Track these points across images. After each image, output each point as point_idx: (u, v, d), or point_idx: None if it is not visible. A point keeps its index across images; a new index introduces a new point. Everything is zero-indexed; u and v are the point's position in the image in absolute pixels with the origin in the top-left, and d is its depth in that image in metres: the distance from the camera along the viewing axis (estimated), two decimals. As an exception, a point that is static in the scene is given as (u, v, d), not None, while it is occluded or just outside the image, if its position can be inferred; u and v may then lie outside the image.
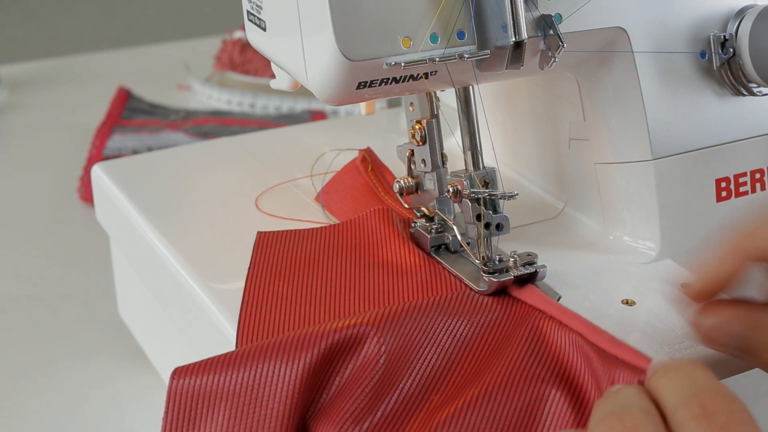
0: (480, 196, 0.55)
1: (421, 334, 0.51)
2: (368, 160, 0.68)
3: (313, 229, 0.62)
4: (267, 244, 0.61)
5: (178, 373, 0.48)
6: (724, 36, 0.58)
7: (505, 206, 0.56)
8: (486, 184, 0.56)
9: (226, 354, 0.48)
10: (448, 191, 0.56)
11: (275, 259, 0.59)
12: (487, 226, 0.55)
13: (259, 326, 0.53)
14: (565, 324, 0.51)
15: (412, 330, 0.50)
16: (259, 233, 0.62)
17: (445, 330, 0.51)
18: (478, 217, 0.55)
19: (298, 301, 0.55)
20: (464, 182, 0.56)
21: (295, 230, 0.62)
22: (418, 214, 0.61)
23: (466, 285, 0.55)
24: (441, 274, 0.57)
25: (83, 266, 0.88)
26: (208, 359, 0.48)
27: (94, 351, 0.76)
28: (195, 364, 0.48)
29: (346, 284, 0.57)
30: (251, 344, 0.49)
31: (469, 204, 0.55)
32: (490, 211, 0.55)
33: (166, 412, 0.48)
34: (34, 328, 0.79)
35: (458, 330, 0.51)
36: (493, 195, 0.55)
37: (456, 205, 0.58)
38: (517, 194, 0.55)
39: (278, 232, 0.62)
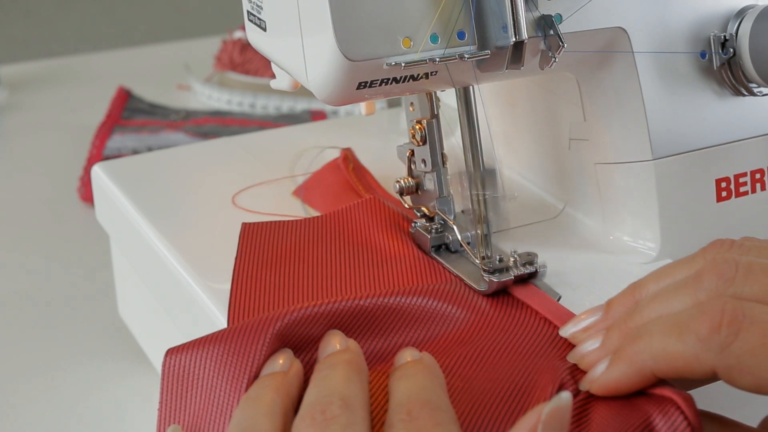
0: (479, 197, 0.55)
1: (392, 317, 0.52)
2: (350, 159, 0.69)
3: (298, 220, 0.63)
4: (252, 235, 0.61)
5: (171, 352, 0.49)
6: (724, 36, 0.58)
7: (505, 206, 0.56)
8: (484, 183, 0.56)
9: (216, 332, 0.49)
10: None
11: (262, 249, 0.60)
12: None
13: (248, 316, 0.54)
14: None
15: (385, 314, 0.52)
16: (244, 224, 0.62)
17: (419, 315, 0.52)
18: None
19: (287, 290, 0.56)
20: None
21: (281, 221, 0.62)
22: (419, 214, 0.61)
23: (466, 284, 0.55)
24: (427, 261, 0.57)
25: (83, 266, 0.88)
26: (199, 338, 0.49)
27: (94, 351, 0.76)
28: (187, 343, 0.49)
29: (333, 272, 0.57)
30: (240, 322, 0.50)
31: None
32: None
33: (162, 390, 0.49)
34: (33, 327, 0.79)
35: (432, 316, 0.52)
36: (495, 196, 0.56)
37: (456, 204, 0.58)
38: (516, 196, 0.55)
39: (263, 223, 0.62)
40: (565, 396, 0.40)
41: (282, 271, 0.57)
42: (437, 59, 0.51)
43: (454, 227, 0.58)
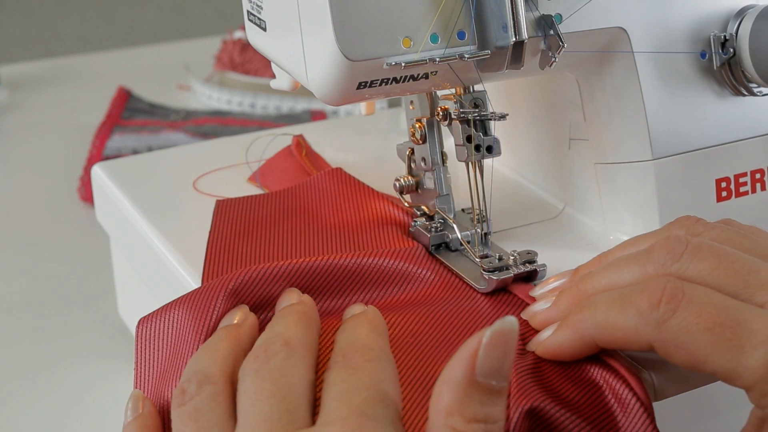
0: (470, 116, 0.55)
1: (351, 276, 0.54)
2: (302, 145, 0.70)
3: (267, 193, 0.64)
4: (226, 210, 0.62)
5: (143, 320, 0.52)
6: (724, 36, 0.58)
7: (505, 205, 0.56)
8: (476, 106, 0.56)
9: (180, 296, 0.51)
10: (438, 114, 0.56)
11: (234, 222, 0.61)
12: (477, 148, 0.55)
13: None
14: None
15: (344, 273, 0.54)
16: (218, 201, 0.64)
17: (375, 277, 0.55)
18: (468, 139, 0.55)
19: (258, 259, 0.57)
20: (454, 104, 0.56)
21: (253, 195, 0.64)
22: (419, 213, 0.61)
23: (466, 283, 0.55)
24: (392, 226, 0.59)
25: (83, 266, 0.88)
26: (166, 303, 0.51)
27: (94, 351, 0.76)
28: (156, 309, 0.52)
29: (303, 241, 0.59)
30: (204, 284, 0.52)
31: (459, 126, 0.55)
32: (481, 133, 0.55)
33: (136, 354, 0.51)
34: (33, 328, 0.79)
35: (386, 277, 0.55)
36: (483, 116, 0.55)
37: (456, 203, 0.58)
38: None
39: (236, 198, 0.64)
40: (510, 319, 0.39)
41: (253, 241, 0.59)
42: (437, 59, 0.51)
43: (454, 226, 0.58)
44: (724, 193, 0.60)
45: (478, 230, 0.57)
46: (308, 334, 0.46)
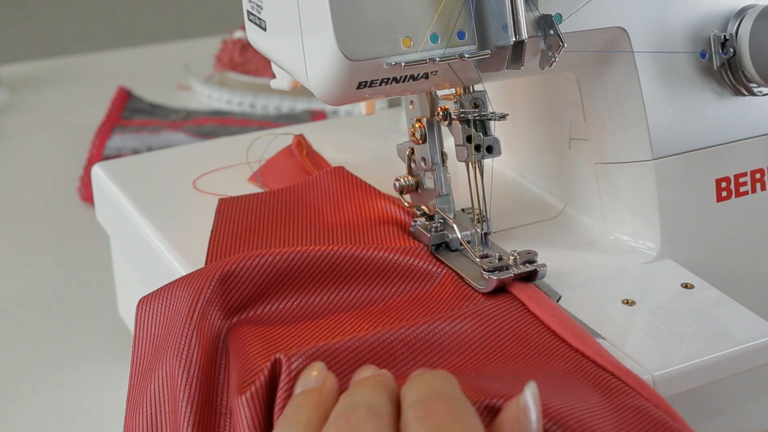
0: (470, 116, 0.55)
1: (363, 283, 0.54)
2: (303, 145, 0.70)
3: (268, 192, 0.65)
4: (228, 209, 0.63)
5: (143, 300, 0.52)
6: (725, 36, 0.58)
7: (505, 205, 0.56)
8: (476, 106, 0.56)
9: (181, 277, 0.52)
10: (438, 114, 0.56)
11: (236, 220, 0.62)
12: (477, 148, 0.55)
13: None
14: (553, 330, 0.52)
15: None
16: (220, 200, 0.64)
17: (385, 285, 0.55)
18: (469, 139, 0.55)
19: None
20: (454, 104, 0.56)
21: (256, 194, 0.64)
22: (419, 213, 0.61)
23: (466, 283, 0.55)
24: (394, 224, 0.59)
25: (83, 266, 0.88)
26: (165, 285, 0.52)
27: (94, 351, 0.76)
28: (157, 289, 0.52)
29: (304, 239, 0.59)
30: (204, 267, 0.53)
31: (459, 126, 0.55)
32: (481, 133, 0.55)
33: (135, 334, 0.52)
34: (33, 328, 0.79)
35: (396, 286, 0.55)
36: (483, 115, 0.55)
37: (456, 203, 0.58)
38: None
39: (239, 196, 0.64)
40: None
41: (255, 240, 0.59)
42: (437, 59, 0.51)
43: (454, 226, 0.58)
44: (724, 193, 0.60)
45: (478, 230, 0.57)
46: (390, 403, 0.42)
